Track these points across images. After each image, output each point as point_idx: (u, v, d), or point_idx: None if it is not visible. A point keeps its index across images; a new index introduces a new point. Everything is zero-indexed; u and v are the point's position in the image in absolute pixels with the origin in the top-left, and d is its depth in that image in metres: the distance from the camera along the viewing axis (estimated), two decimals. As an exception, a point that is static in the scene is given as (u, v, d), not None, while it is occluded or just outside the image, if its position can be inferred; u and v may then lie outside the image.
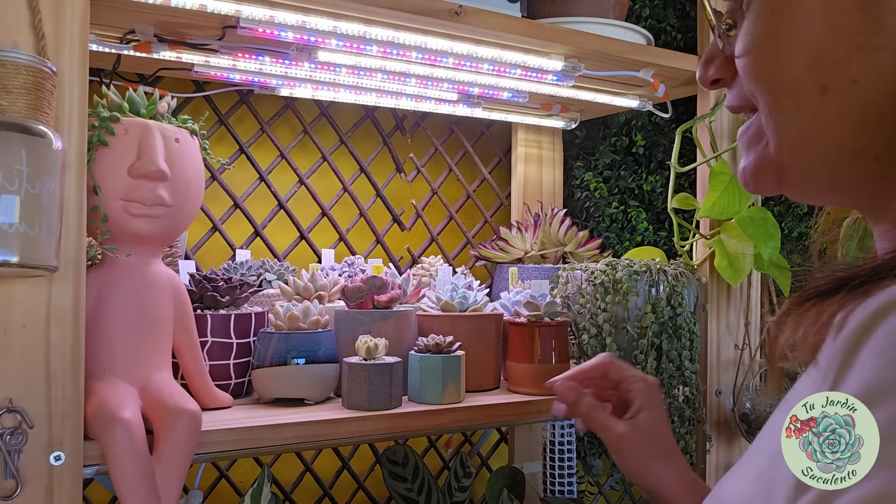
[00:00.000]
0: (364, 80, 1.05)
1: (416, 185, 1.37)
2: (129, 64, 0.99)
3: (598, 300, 0.97)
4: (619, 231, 1.39)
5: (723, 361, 1.10)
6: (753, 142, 0.45)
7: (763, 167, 0.45)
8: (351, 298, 0.92)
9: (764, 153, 0.44)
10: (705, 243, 1.07)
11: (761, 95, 0.43)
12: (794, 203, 1.52)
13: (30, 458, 0.63)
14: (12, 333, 0.62)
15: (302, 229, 1.24)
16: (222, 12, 0.82)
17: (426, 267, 1.21)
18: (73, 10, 0.65)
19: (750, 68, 0.44)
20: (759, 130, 0.45)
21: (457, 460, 1.18)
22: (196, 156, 0.80)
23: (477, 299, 0.98)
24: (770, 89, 0.43)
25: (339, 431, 0.80)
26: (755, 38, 0.43)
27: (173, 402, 0.70)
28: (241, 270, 1.03)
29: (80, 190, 0.66)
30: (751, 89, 0.44)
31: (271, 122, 1.22)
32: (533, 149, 1.40)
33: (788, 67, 0.41)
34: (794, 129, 0.42)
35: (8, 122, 0.57)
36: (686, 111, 1.34)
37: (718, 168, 1.03)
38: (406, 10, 0.85)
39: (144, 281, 0.76)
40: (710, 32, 0.49)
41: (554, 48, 0.98)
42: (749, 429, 1.06)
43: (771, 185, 0.45)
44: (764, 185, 0.46)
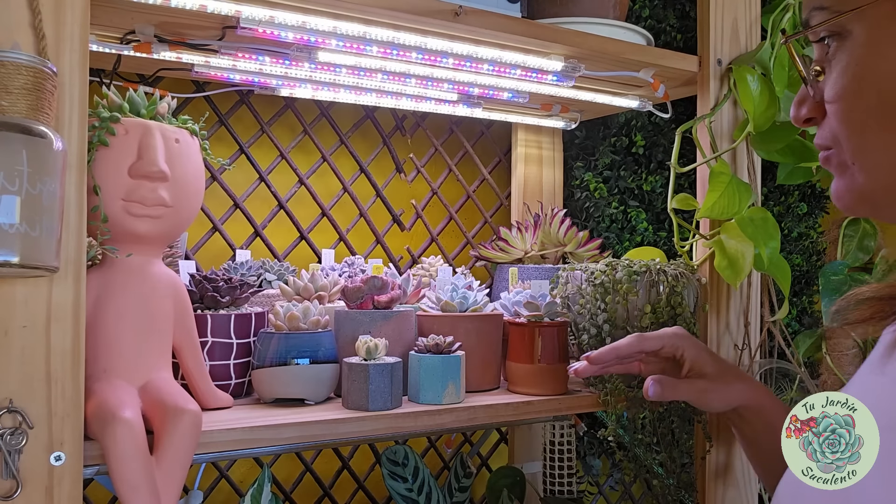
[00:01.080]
0: (364, 80, 1.05)
1: (415, 185, 1.37)
2: (129, 64, 0.99)
3: (598, 300, 0.97)
4: (619, 231, 1.39)
5: (723, 361, 1.10)
6: (839, 172, 0.52)
7: (855, 198, 0.51)
8: (351, 299, 0.92)
9: (853, 184, 0.51)
10: (705, 244, 1.07)
11: (849, 137, 0.50)
12: (794, 203, 1.52)
13: (30, 458, 0.63)
14: (12, 333, 0.62)
15: (302, 229, 1.24)
16: (222, 13, 0.82)
17: (426, 267, 1.21)
18: (74, 10, 0.65)
19: (840, 114, 0.50)
20: (842, 163, 0.51)
21: (457, 460, 1.18)
22: (196, 156, 0.80)
23: (477, 299, 0.98)
24: (861, 132, 0.49)
25: (339, 431, 0.80)
26: (844, 87, 0.49)
27: (173, 403, 0.70)
28: (241, 270, 1.03)
29: (80, 190, 0.66)
30: (839, 131, 0.50)
31: (271, 123, 1.22)
32: (533, 149, 1.40)
33: (876, 113, 0.48)
34: (884, 166, 0.48)
35: (8, 123, 0.57)
36: (686, 111, 1.34)
37: (718, 168, 1.03)
38: (406, 11, 0.85)
39: (145, 281, 0.76)
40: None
41: (554, 48, 0.98)
42: (749, 429, 1.06)
43: (864, 212, 0.53)
44: (856, 211, 0.53)
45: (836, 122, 0.50)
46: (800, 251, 1.55)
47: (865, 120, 0.48)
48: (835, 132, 0.51)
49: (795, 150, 1.07)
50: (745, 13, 1.13)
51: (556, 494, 1.30)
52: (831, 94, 0.50)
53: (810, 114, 0.54)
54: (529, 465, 1.33)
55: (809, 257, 1.55)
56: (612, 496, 1.50)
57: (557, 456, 1.30)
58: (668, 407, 1.00)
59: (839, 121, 0.50)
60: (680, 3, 1.41)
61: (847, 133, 0.50)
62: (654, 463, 1.01)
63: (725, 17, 1.11)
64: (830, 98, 0.51)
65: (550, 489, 1.31)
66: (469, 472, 1.18)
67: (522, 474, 1.24)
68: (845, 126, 0.50)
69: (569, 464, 1.30)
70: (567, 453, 1.31)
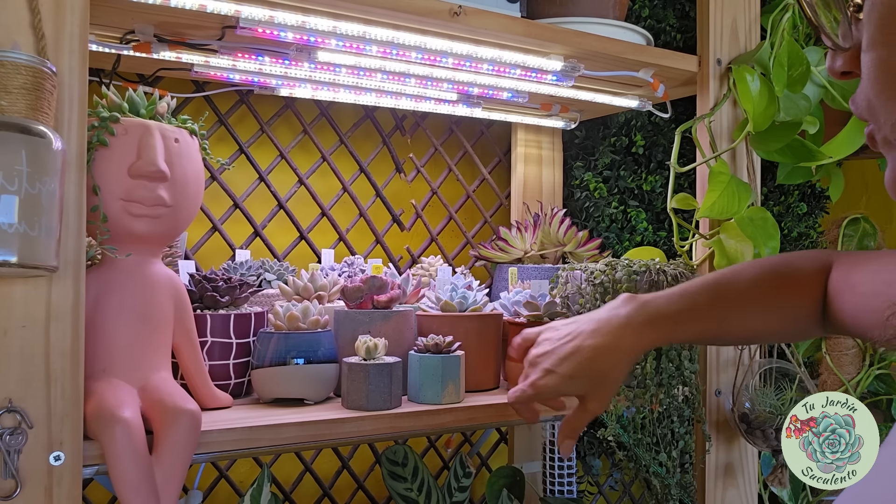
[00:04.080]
0: (364, 80, 1.05)
1: (415, 185, 1.37)
2: (128, 64, 0.99)
3: (598, 300, 0.97)
4: (618, 231, 1.39)
5: (722, 361, 1.10)
6: (885, 150, 0.42)
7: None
8: (351, 298, 0.92)
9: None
10: (705, 243, 1.07)
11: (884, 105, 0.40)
12: (794, 203, 1.52)
13: (29, 458, 0.63)
14: (12, 333, 0.62)
15: (302, 229, 1.24)
16: (222, 12, 0.82)
17: (426, 267, 1.21)
18: (73, 10, 0.65)
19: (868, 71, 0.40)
20: (885, 140, 0.41)
21: (456, 460, 1.18)
22: (196, 156, 0.80)
23: (476, 299, 0.98)
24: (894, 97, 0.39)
25: (338, 431, 0.80)
26: (871, 35, 0.39)
27: (173, 402, 0.69)
28: (240, 270, 1.03)
29: (79, 190, 0.66)
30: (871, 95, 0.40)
31: (271, 123, 1.22)
32: (533, 149, 1.40)
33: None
34: None
35: (8, 123, 0.57)
36: (685, 111, 1.34)
37: (718, 168, 1.03)
38: (406, 11, 0.85)
39: (144, 281, 0.76)
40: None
41: (553, 48, 0.98)
42: (748, 429, 1.06)
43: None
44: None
45: (866, 81, 0.40)
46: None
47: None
48: (868, 97, 0.40)
49: (795, 149, 1.07)
50: (745, 13, 1.13)
51: (555, 494, 1.30)
52: (864, 42, 0.39)
53: (846, 66, 0.42)
54: (529, 465, 1.33)
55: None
56: (612, 496, 1.50)
57: (557, 456, 1.30)
58: (668, 407, 1.00)
59: (868, 80, 0.39)
60: (680, 3, 1.41)
61: (881, 99, 0.39)
62: (654, 463, 1.01)
63: (725, 17, 1.11)
64: (864, 46, 0.40)
65: (550, 489, 1.31)
66: (469, 472, 1.18)
67: (522, 474, 1.24)
68: (876, 88, 0.39)
69: (569, 464, 1.30)
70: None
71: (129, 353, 0.74)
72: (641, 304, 0.77)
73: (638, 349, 0.76)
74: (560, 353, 0.77)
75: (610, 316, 0.76)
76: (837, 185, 1.25)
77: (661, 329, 0.76)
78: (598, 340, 0.75)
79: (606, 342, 0.75)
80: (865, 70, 0.39)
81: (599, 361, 0.75)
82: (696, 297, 0.76)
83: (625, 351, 0.75)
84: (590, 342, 0.76)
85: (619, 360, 0.75)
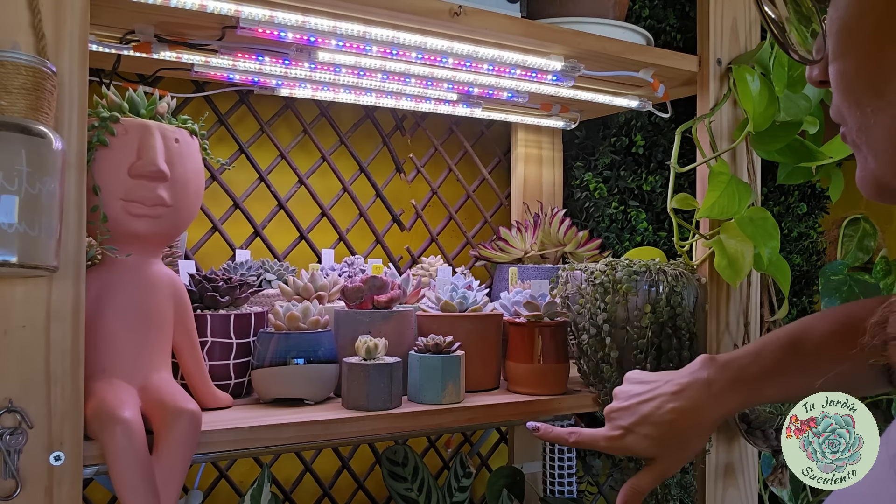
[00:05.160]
0: (364, 80, 1.05)
1: (415, 185, 1.37)
2: (128, 64, 0.99)
3: (598, 300, 0.97)
4: (618, 231, 1.39)
5: (722, 361, 1.10)
6: (855, 152, 0.44)
7: (870, 184, 0.43)
8: (351, 298, 0.92)
9: (866, 168, 0.43)
10: (705, 243, 1.07)
11: (849, 110, 0.42)
12: (794, 203, 1.52)
13: (30, 458, 0.63)
14: (12, 333, 0.62)
15: (302, 229, 1.24)
16: (222, 12, 0.82)
17: (426, 267, 1.21)
18: (73, 10, 0.65)
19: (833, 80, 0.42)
20: (854, 143, 0.43)
21: (457, 460, 1.18)
22: (196, 156, 0.80)
23: (477, 299, 0.98)
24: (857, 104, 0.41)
25: (338, 431, 0.80)
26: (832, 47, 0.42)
27: (173, 402, 0.70)
28: (240, 270, 1.03)
29: (79, 190, 0.66)
30: (839, 101, 0.43)
31: (271, 123, 1.22)
32: (533, 149, 1.40)
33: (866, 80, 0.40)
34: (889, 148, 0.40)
35: (8, 123, 0.57)
36: (686, 111, 1.34)
37: (718, 168, 1.03)
38: (406, 11, 0.85)
39: (144, 281, 0.76)
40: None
41: (553, 48, 0.98)
42: (748, 429, 1.06)
43: (880, 198, 0.44)
44: (879, 199, 0.44)
45: (833, 89, 0.42)
46: (800, 251, 1.55)
47: (863, 90, 0.40)
48: (837, 103, 0.43)
49: (795, 149, 1.07)
50: (745, 13, 1.13)
51: (555, 494, 1.31)
52: (829, 54, 0.42)
53: (821, 76, 0.45)
54: (529, 465, 1.34)
55: (809, 257, 1.55)
56: (612, 496, 1.50)
57: (557, 456, 1.31)
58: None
59: (834, 88, 0.42)
60: (680, 3, 1.41)
61: (846, 105, 0.42)
62: (654, 463, 1.01)
63: (725, 17, 1.11)
64: (829, 58, 0.42)
65: (550, 489, 1.31)
66: (469, 472, 1.18)
67: (522, 474, 1.24)
68: (841, 96, 0.42)
69: (569, 464, 1.30)
70: (567, 453, 1.31)
71: (130, 353, 0.74)
72: (722, 365, 0.75)
73: (721, 414, 0.74)
74: (639, 411, 0.75)
75: (692, 379, 0.75)
76: (837, 185, 1.24)
77: (744, 391, 0.74)
78: (681, 403, 0.73)
79: (688, 406, 0.73)
80: (832, 79, 0.42)
81: (680, 424, 0.73)
82: (777, 353, 0.75)
83: (706, 415, 0.74)
84: (671, 405, 0.74)
85: (700, 426, 0.74)
